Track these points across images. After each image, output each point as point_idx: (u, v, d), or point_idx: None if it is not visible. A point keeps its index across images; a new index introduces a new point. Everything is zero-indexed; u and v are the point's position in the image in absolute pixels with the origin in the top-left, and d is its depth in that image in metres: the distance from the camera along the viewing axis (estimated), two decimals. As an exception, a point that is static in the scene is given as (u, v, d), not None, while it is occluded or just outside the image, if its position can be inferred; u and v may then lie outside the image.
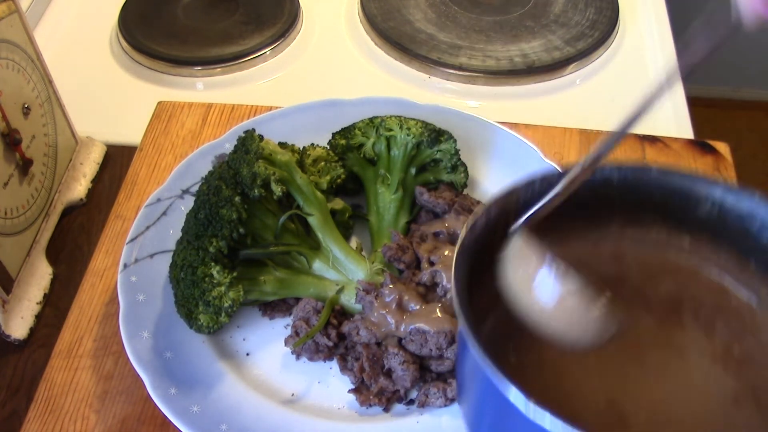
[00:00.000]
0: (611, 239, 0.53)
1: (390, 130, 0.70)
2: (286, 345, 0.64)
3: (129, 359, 0.60)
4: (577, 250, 0.51)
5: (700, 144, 0.80)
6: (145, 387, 0.58)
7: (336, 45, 0.98)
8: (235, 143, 0.65)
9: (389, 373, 0.61)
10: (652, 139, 0.80)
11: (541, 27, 0.96)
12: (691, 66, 0.40)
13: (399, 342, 0.61)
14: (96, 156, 0.80)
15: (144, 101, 0.86)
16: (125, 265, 0.66)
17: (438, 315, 0.60)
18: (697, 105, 0.89)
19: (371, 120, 0.71)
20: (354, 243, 0.71)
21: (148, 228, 0.68)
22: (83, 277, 0.69)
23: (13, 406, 0.63)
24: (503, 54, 0.92)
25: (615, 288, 0.48)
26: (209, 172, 0.65)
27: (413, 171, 0.71)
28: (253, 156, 0.62)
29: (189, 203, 0.66)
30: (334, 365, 0.63)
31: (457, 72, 0.91)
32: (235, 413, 0.59)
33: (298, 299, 0.65)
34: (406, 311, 0.61)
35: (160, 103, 0.84)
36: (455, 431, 0.58)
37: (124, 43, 0.95)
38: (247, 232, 0.62)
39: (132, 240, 0.67)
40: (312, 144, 0.72)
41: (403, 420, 0.59)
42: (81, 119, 0.79)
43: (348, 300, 0.64)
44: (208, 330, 0.61)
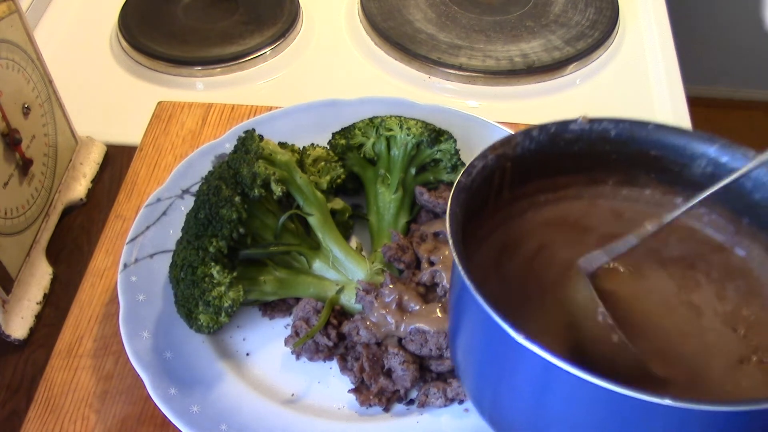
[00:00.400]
0: (607, 197, 0.53)
1: (390, 130, 0.70)
2: (286, 345, 0.64)
3: (129, 359, 0.60)
4: (576, 207, 0.52)
5: (700, 144, 0.80)
6: (145, 387, 0.58)
7: (336, 45, 0.98)
8: (235, 143, 0.65)
9: (389, 373, 0.61)
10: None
11: (541, 27, 0.96)
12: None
13: (399, 342, 0.61)
14: (96, 156, 0.80)
15: (144, 101, 0.86)
16: (125, 265, 0.66)
17: (438, 315, 0.60)
18: (697, 105, 0.90)
19: (371, 120, 0.71)
20: (354, 243, 0.71)
21: (148, 228, 0.68)
22: (83, 277, 0.69)
23: (13, 406, 0.63)
24: (503, 54, 0.92)
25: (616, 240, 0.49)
26: (209, 172, 0.65)
27: (413, 171, 0.71)
28: (253, 156, 0.62)
29: (189, 203, 0.66)
30: (334, 365, 0.63)
31: (457, 72, 0.91)
32: (235, 413, 0.59)
33: (298, 299, 0.65)
34: (406, 311, 0.61)
35: (160, 103, 0.84)
36: (455, 431, 0.58)
37: (124, 43, 0.95)
38: (247, 232, 0.62)
39: (132, 240, 0.67)
40: (312, 144, 0.72)
41: (403, 420, 0.59)
42: (81, 119, 0.79)
43: (348, 300, 0.64)
44: (208, 330, 0.61)
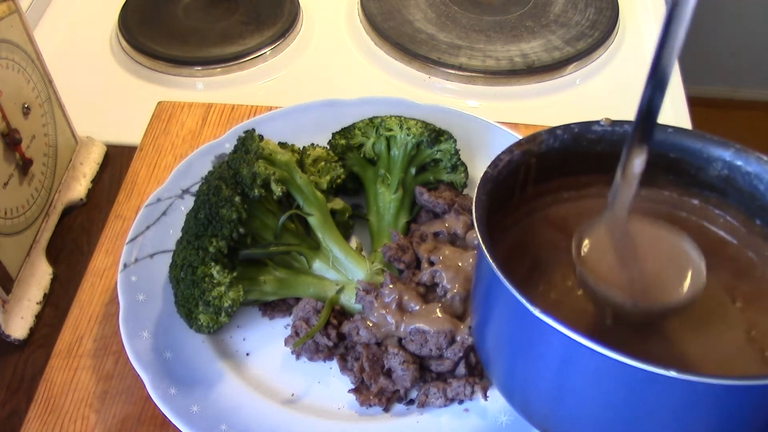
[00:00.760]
0: None
1: (390, 130, 0.70)
2: (286, 345, 0.64)
3: (129, 359, 0.60)
4: (597, 205, 0.53)
5: (700, 144, 0.80)
6: (145, 387, 0.58)
7: (336, 45, 0.98)
8: (235, 143, 0.65)
9: (389, 373, 0.61)
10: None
11: (541, 27, 0.96)
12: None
13: (399, 342, 0.61)
14: (96, 156, 0.80)
15: (144, 101, 0.86)
16: (125, 265, 0.66)
17: (438, 315, 0.60)
18: (697, 105, 0.90)
19: (371, 120, 0.71)
20: (354, 243, 0.71)
21: (148, 228, 0.69)
22: (83, 277, 0.69)
23: (13, 406, 0.63)
24: (503, 54, 0.92)
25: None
26: (209, 172, 0.65)
27: (413, 171, 0.71)
28: (253, 156, 0.62)
29: (189, 203, 0.66)
30: (334, 365, 0.63)
31: (457, 72, 0.91)
32: (235, 413, 0.59)
33: (298, 299, 0.65)
34: (406, 311, 0.61)
35: (160, 103, 0.84)
36: (455, 431, 0.58)
37: (124, 43, 0.95)
38: (247, 232, 0.62)
39: (132, 240, 0.67)
40: (312, 144, 0.72)
41: (403, 420, 0.59)
42: (81, 119, 0.79)
43: (348, 300, 0.64)
44: (208, 330, 0.61)
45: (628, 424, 0.43)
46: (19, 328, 0.66)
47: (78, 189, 0.77)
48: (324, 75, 0.93)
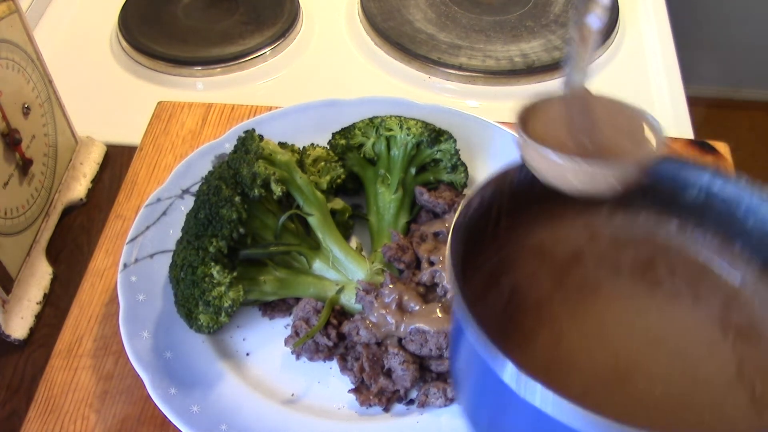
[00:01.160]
0: (602, 224, 0.54)
1: (390, 130, 0.70)
2: (286, 345, 0.64)
3: (129, 359, 0.60)
4: (572, 234, 0.52)
5: (700, 144, 0.80)
6: (145, 387, 0.58)
7: (336, 45, 0.98)
8: (235, 143, 0.65)
9: (389, 373, 0.61)
10: (652, 139, 0.80)
11: (541, 27, 0.96)
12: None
13: (399, 342, 0.61)
14: (96, 156, 0.80)
15: (144, 101, 0.86)
16: (125, 265, 0.66)
17: (438, 315, 0.60)
18: (697, 105, 0.90)
19: (371, 120, 0.71)
20: (354, 243, 0.71)
21: (148, 228, 0.68)
22: (83, 277, 0.69)
23: (13, 406, 0.63)
24: (503, 54, 0.92)
25: (613, 267, 0.50)
26: (209, 172, 0.65)
27: (413, 171, 0.71)
28: (253, 156, 0.62)
29: (189, 203, 0.66)
30: (334, 365, 0.63)
31: (457, 72, 0.91)
32: (235, 413, 0.59)
33: (298, 299, 0.65)
34: (406, 311, 0.61)
35: (160, 103, 0.84)
36: (455, 431, 0.58)
37: (124, 43, 0.95)
38: (247, 232, 0.62)
39: (132, 240, 0.67)
40: (312, 144, 0.72)
41: (403, 420, 0.59)
42: (81, 119, 0.79)
43: (348, 300, 0.64)
44: (208, 330, 0.61)
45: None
46: (19, 328, 0.66)
47: (78, 189, 0.77)
48: (324, 75, 0.93)
